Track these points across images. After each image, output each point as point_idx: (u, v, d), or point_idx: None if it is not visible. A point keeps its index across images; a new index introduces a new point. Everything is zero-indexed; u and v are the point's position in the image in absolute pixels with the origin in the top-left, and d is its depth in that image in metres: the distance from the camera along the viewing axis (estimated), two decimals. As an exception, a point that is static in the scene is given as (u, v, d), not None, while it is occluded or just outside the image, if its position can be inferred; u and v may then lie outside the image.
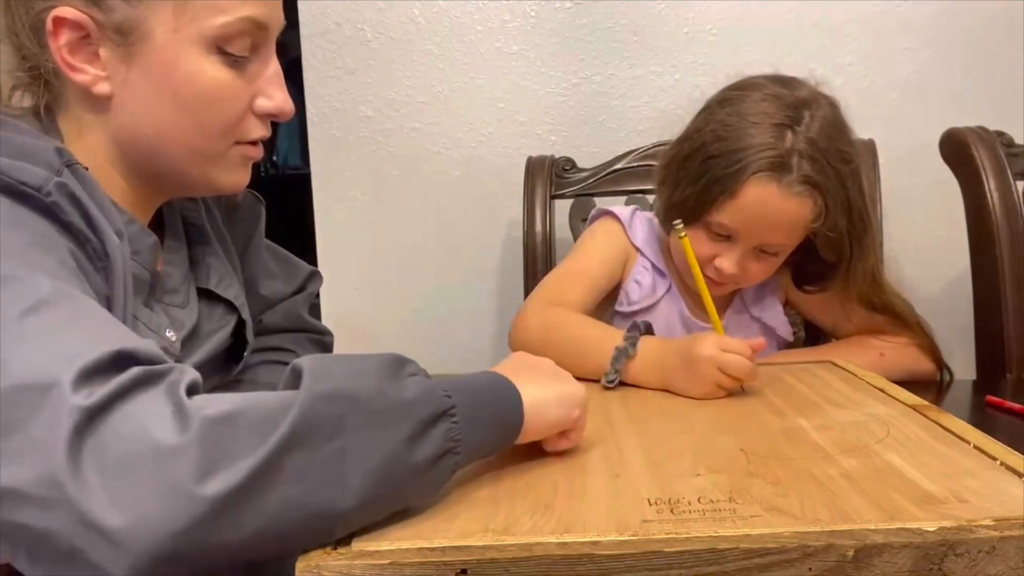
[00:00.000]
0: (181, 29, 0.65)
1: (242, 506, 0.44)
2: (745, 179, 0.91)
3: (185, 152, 0.69)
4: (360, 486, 0.47)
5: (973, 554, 0.46)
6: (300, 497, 0.45)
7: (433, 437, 0.51)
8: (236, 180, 0.73)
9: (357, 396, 0.48)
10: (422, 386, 0.52)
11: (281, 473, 0.45)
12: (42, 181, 0.58)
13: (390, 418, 0.49)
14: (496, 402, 0.57)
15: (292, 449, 0.45)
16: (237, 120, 0.69)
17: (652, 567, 0.46)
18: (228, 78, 0.67)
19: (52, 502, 0.43)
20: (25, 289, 0.51)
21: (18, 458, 0.44)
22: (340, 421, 0.47)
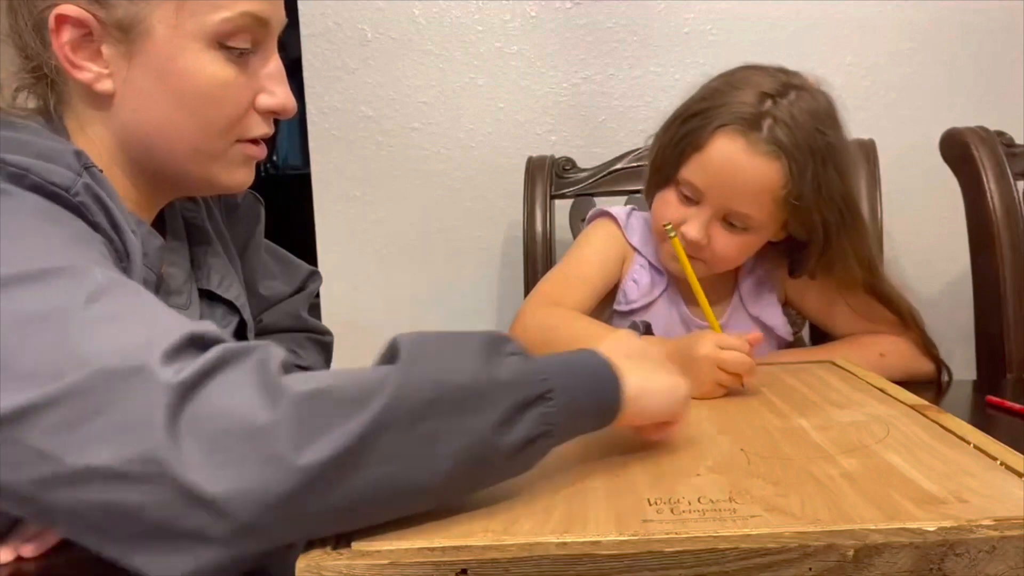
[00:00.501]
0: (182, 25, 0.65)
1: (334, 479, 0.45)
2: (712, 131, 0.91)
3: (187, 150, 0.69)
4: (449, 467, 0.49)
5: (973, 554, 0.46)
6: (390, 474, 0.47)
7: (526, 420, 0.51)
8: (239, 179, 0.73)
9: (450, 381, 0.49)
10: (519, 368, 0.52)
11: (372, 451, 0.46)
12: (70, 182, 0.59)
13: (483, 402, 0.50)
14: (596, 387, 0.56)
15: (382, 429, 0.46)
16: (239, 117, 0.69)
17: (652, 567, 0.45)
18: (230, 74, 0.67)
19: (148, 477, 0.44)
20: (83, 279, 0.52)
21: (106, 440, 0.45)
22: (431, 405, 0.48)
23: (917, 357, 1.02)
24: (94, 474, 0.45)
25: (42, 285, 0.51)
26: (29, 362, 0.47)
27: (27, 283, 0.50)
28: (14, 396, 0.46)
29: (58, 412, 0.45)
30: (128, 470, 0.44)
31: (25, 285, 0.50)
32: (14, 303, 0.49)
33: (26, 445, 0.45)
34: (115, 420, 0.45)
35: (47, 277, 0.51)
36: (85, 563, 0.56)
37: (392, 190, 1.45)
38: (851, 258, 0.97)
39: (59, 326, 0.48)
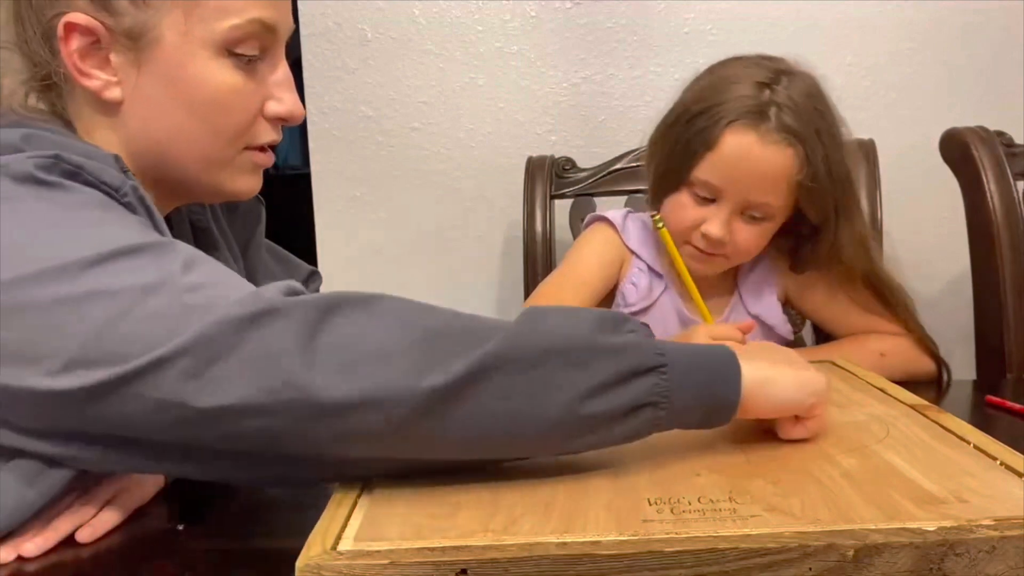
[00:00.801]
0: (191, 32, 0.65)
1: (449, 404, 0.49)
2: (723, 128, 0.92)
3: (196, 157, 0.69)
4: (558, 415, 0.51)
5: (973, 554, 0.46)
6: (503, 411, 0.51)
7: (635, 387, 0.53)
8: (247, 187, 0.73)
9: (564, 335, 0.52)
10: (636, 339, 0.55)
11: (486, 385, 0.50)
12: (120, 183, 0.60)
13: (594, 360, 0.52)
14: (714, 371, 0.57)
15: (497, 366, 0.50)
16: (248, 124, 0.69)
17: (652, 567, 0.45)
18: (238, 81, 0.67)
19: (285, 404, 0.48)
20: (173, 251, 0.55)
21: (238, 379, 0.48)
22: (545, 354, 0.51)
23: (918, 357, 1.02)
24: (226, 413, 0.48)
25: (139, 258, 0.53)
26: (143, 328, 0.49)
27: (124, 258, 0.53)
28: (132, 361, 0.48)
29: (182, 364, 0.48)
30: (263, 402, 0.48)
31: (123, 260, 0.53)
32: (117, 275, 0.52)
33: (155, 399, 0.49)
34: (243, 359, 0.48)
35: (141, 251, 0.54)
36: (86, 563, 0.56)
37: (392, 190, 1.45)
38: (855, 242, 0.98)
39: (166, 292, 0.51)
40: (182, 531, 0.61)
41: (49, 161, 0.57)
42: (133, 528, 0.61)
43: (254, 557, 0.58)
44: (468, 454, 0.54)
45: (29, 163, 0.56)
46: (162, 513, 0.64)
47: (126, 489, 0.62)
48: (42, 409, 0.52)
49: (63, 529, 0.58)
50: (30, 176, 0.56)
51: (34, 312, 0.50)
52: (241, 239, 0.88)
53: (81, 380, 0.49)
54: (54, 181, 0.56)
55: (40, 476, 0.56)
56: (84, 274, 0.51)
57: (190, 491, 0.67)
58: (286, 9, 0.70)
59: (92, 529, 0.58)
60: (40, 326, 0.50)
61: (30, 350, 0.50)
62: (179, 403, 0.48)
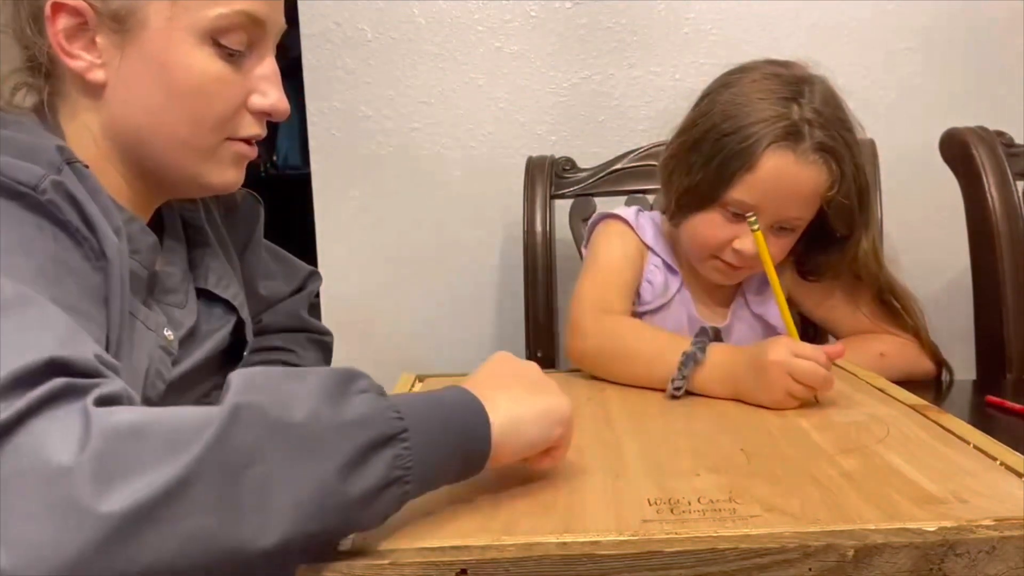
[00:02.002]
0: (177, 18, 0.65)
1: (144, 530, 0.39)
2: (762, 150, 0.91)
3: (176, 144, 0.69)
4: (284, 521, 0.42)
5: (973, 554, 0.46)
6: (213, 529, 0.41)
7: (375, 465, 0.45)
8: (228, 179, 0.72)
9: (283, 419, 0.43)
10: (368, 406, 0.47)
11: (187, 500, 0.40)
12: (38, 179, 0.58)
13: (323, 444, 0.44)
14: (459, 425, 0.51)
15: (201, 474, 0.40)
16: (229, 114, 0.69)
17: (652, 567, 0.46)
18: (221, 71, 0.67)
19: None
20: None
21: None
22: (262, 447, 0.42)
23: (918, 357, 1.02)
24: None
25: None
26: None
27: None
28: None
29: None
30: None
31: None
32: None
33: None
34: None
35: None
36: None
37: (392, 190, 1.45)
38: (871, 250, 0.99)
39: None
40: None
41: None
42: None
43: (254, 557, 0.57)
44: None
45: None
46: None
47: None
48: None
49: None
50: None
51: None
52: (239, 239, 0.87)
53: None
54: None
55: None
56: None
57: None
58: (276, 6, 0.70)
59: None
60: None
61: None
62: None
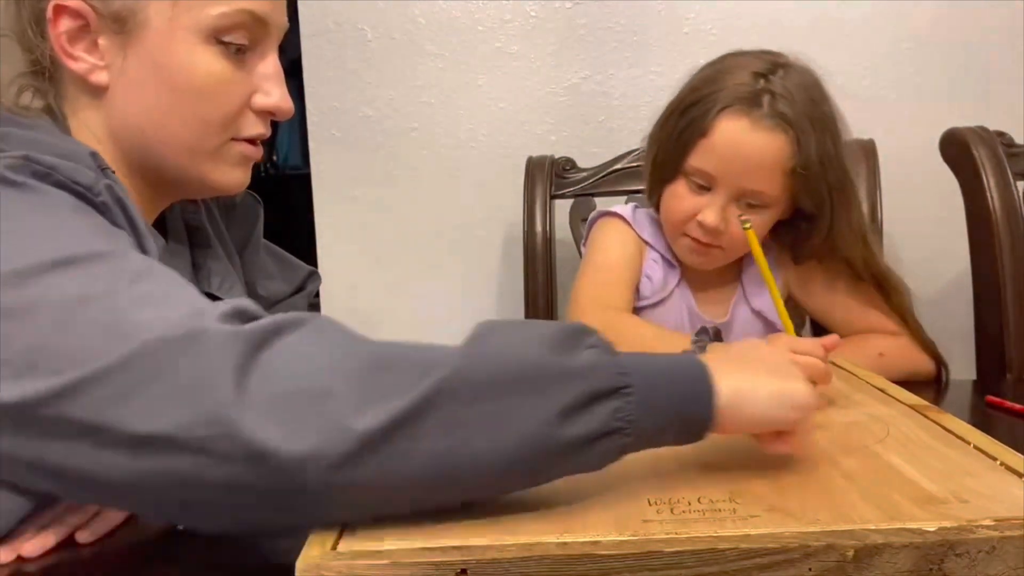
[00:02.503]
0: (178, 18, 0.65)
1: (390, 446, 0.45)
2: (715, 115, 0.93)
3: (180, 145, 0.69)
4: (511, 449, 0.47)
5: (973, 554, 0.46)
6: (449, 448, 0.46)
7: (597, 413, 0.49)
8: (234, 180, 0.72)
9: (516, 361, 0.48)
10: (597, 359, 0.50)
11: (430, 420, 0.46)
12: (92, 181, 0.59)
13: (550, 386, 0.48)
14: (683, 390, 0.53)
15: (442, 400, 0.46)
16: (233, 114, 0.69)
17: (652, 567, 0.45)
18: (225, 70, 0.67)
19: (211, 439, 0.44)
20: (124, 261, 0.53)
21: (165, 406, 0.45)
22: (495, 383, 0.47)
23: (917, 356, 1.02)
24: (152, 442, 0.45)
25: (86, 268, 0.51)
26: (79, 341, 0.48)
27: (71, 266, 0.51)
28: (66, 374, 0.46)
29: (112, 383, 0.46)
30: (189, 435, 0.45)
31: (69, 269, 0.51)
32: (60, 287, 0.50)
33: (81, 420, 0.46)
34: (171, 386, 0.45)
35: (90, 260, 0.52)
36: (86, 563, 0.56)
37: (392, 190, 1.45)
38: (852, 232, 0.99)
39: (107, 305, 0.49)
40: (182, 531, 0.60)
41: (19, 161, 0.56)
42: (133, 528, 0.61)
43: (254, 557, 0.58)
44: (409, 502, 0.49)
45: (0, 162, 0.56)
46: (162, 513, 0.64)
47: None
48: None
49: (63, 529, 0.58)
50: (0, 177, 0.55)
51: None
52: (238, 239, 0.87)
53: (20, 392, 0.47)
54: (22, 182, 0.56)
55: None
56: (29, 282, 0.50)
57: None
58: (279, 5, 0.70)
59: (92, 529, 0.58)
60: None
61: None
62: (104, 426, 0.45)
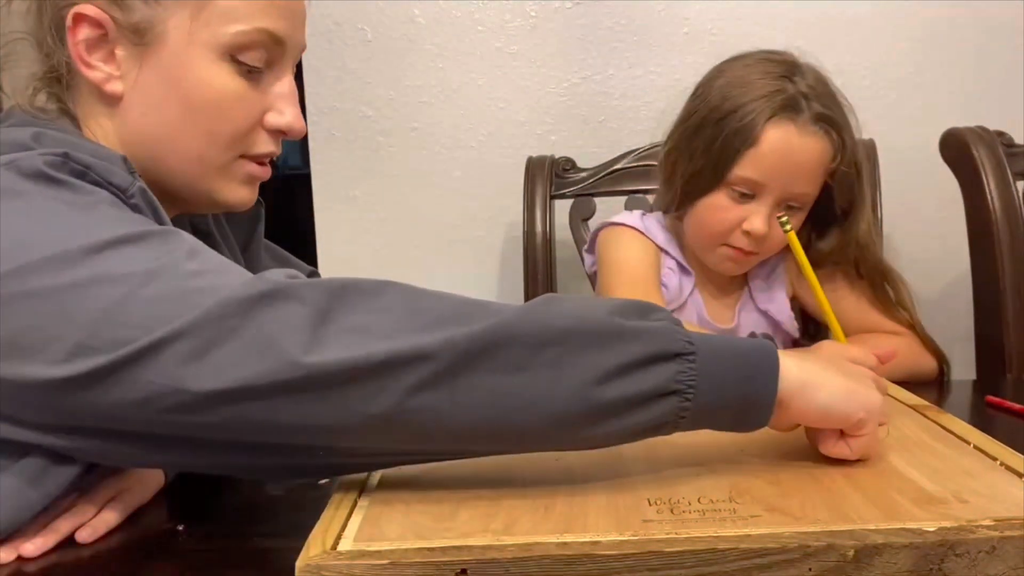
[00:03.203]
0: (196, 33, 0.65)
1: (456, 374, 0.48)
2: (764, 124, 0.93)
3: (190, 159, 0.69)
4: (568, 398, 0.49)
5: (973, 554, 0.46)
6: (513, 387, 0.48)
7: (658, 372, 0.50)
8: (241, 197, 0.72)
9: (583, 315, 0.50)
10: (664, 326, 0.51)
11: (496, 357, 0.48)
12: (127, 184, 0.60)
13: (614, 342, 0.49)
14: (746, 364, 0.53)
15: (508, 340, 0.48)
16: (245, 131, 0.69)
17: (652, 567, 0.45)
18: (239, 87, 0.67)
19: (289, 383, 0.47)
20: (178, 239, 0.55)
21: (241, 360, 0.47)
22: (560, 332, 0.49)
23: (921, 355, 1.02)
24: (228, 395, 0.48)
25: (143, 245, 0.53)
26: (147, 310, 0.49)
27: (127, 245, 0.53)
28: (138, 341, 0.48)
29: (189, 341, 0.48)
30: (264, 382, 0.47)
31: (127, 246, 0.53)
32: (121, 261, 0.51)
33: (161, 381, 0.48)
34: (248, 341, 0.48)
35: (144, 238, 0.54)
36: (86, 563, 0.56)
37: (392, 190, 1.45)
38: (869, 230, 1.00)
39: (170, 277, 0.51)
40: (182, 531, 0.61)
41: (58, 159, 0.57)
42: (133, 528, 0.61)
43: (254, 557, 0.58)
44: (473, 439, 0.51)
45: (39, 160, 0.56)
46: (162, 513, 0.64)
47: (127, 489, 0.62)
48: (48, 401, 0.51)
49: (63, 529, 0.58)
50: (40, 172, 0.56)
51: (36, 301, 0.50)
52: (240, 239, 0.88)
53: (84, 366, 0.49)
54: (63, 179, 0.56)
55: (44, 477, 0.56)
56: (86, 261, 0.51)
57: (190, 491, 0.67)
58: (298, 25, 0.70)
59: (92, 529, 0.58)
60: (42, 314, 0.50)
61: (33, 340, 0.50)
62: (178, 388, 0.48)
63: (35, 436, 0.54)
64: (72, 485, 0.57)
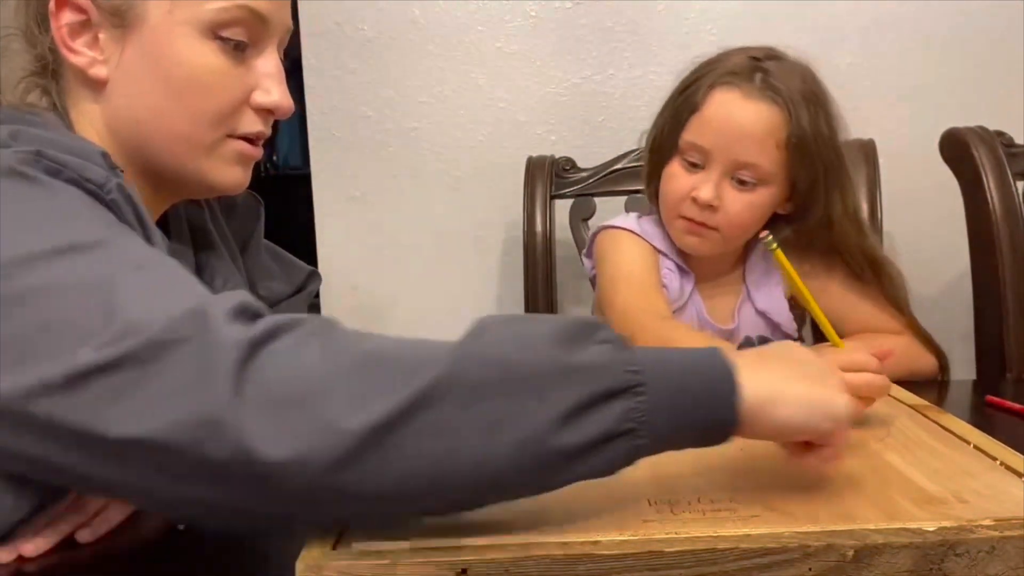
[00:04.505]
0: (176, 12, 0.65)
1: (384, 446, 0.44)
2: (707, 89, 0.94)
3: (177, 140, 0.68)
4: (509, 455, 0.45)
5: (973, 554, 0.46)
6: (440, 454, 0.44)
7: (605, 414, 0.46)
8: (233, 179, 0.72)
9: (517, 360, 0.46)
10: (605, 356, 0.47)
11: (423, 421, 0.44)
12: (104, 179, 0.59)
13: (553, 386, 0.45)
14: (701, 389, 0.49)
15: (436, 400, 0.44)
16: (230, 109, 0.69)
17: (652, 567, 0.45)
18: (222, 65, 0.67)
19: (202, 441, 0.43)
20: (128, 250, 0.53)
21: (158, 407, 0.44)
22: (493, 384, 0.45)
23: (920, 354, 1.02)
24: (140, 445, 0.44)
25: (89, 255, 0.51)
26: (79, 328, 0.47)
27: (73, 253, 0.51)
28: (63, 361, 0.46)
29: (109, 380, 0.45)
30: (180, 436, 0.43)
31: (72, 255, 0.51)
32: (61, 272, 0.50)
33: (69, 420, 0.45)
34: (168, 386, 0.44)
35: (92, 248, 0.52)
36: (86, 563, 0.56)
37: (392, 190, 1.45)
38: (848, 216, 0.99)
39: (108, 292, 0.48)
40: (182, 531, 0.61)
41: (31, 157, 0.57)
42: (133, 528, 0.61)
43: (254, 557, 0.58)
44: (403, 508, 0.47)
45: (12, 157, 0.56)
46: (162, 513, 0.64)
47: None
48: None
49: (63, 529, 0.58)
50: (11, 170, 0.55)
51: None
52: (239, 239, 0.87)
53: (13, 381, 0.46)
54: (34, 176, 0.56)
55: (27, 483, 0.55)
56: (28, 270, 0.49)
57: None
58: (282, 4, 0.70)
59: (92, 529, 0.58)
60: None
61: None
62: (92, 429, 0.45)
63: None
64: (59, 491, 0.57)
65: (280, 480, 0.43)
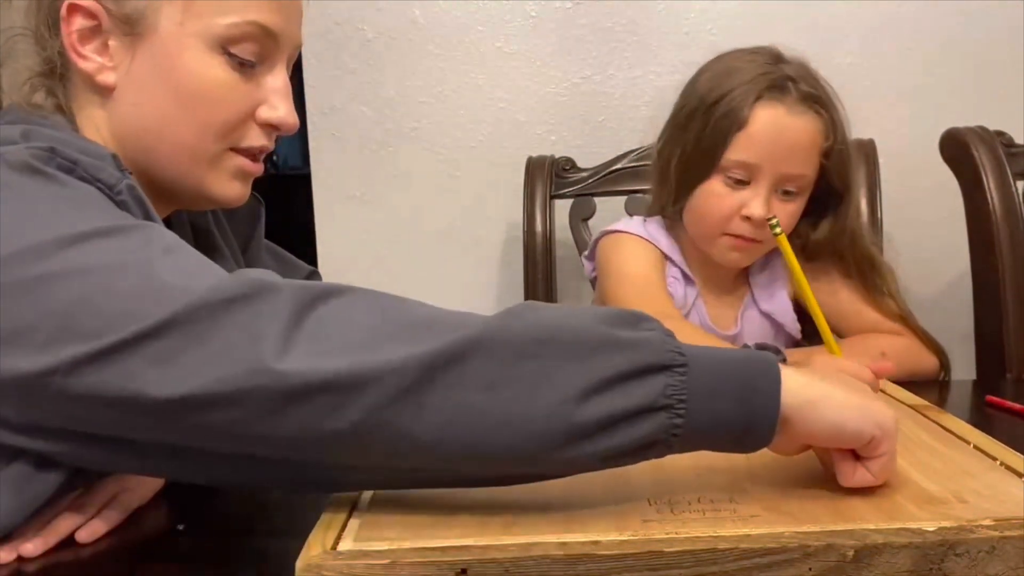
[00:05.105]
0: (188, 24, 0.65)
1: (435, 384, 0.45)
2: (752, 105, 0.94)
3: (181, 150, 0.68)
4: (545, 415, 0.46)
5: (973, 554, 0.46)
6: (483, 405, 0.46)
7: (644, 386, 0.46)
8: (232, 193, 0.72)
9: (562, 326, 0.47)
10: (653, 336, 0.47)
11: (464, 371, 0.45)
12: (115, 180, 0.60)
13: (596, 353, 0.46)
14: (744, 377, 0.48)
15: (478, 352, 0.46)
16: (236, 123, 0.69)
17: (652, 567, 0.45)
18: (230, 79, 0.67)
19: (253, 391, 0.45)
20: (156, 234, 0.54)
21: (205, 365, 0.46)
22: (537, 343, 0.46)
23: (920, 353, 1.02)
24: (189, 402, 0.46)
25: (118, 239, 0.52)
26: (117, 305, 0.48)
27: (102, 238, 0.52)
28: (104, 338, 0.47)
29: (158, 342, 0.47)
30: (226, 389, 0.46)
31: (101, 239, 0.52)
32: (95, 254, 0.51)
33: (115, 386, 0.47)
34: (216, 344, 0.46)
35: (120, 232, 0.53)
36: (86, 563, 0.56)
37: (392, 190, 1.45)
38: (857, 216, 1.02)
39: (143, 271, 0.50)
40: (182, 531, 0.61)
41: (45, 153, 0.57)
42: (133, 528, 0.61)
43: (254, 557, 0.58)
44: (447, 460, 0.48)
45: (26, 153, 0.56)
46: (162, 513, 0.64)
47: (126, 489, 0.62)
48: (25, 396, 0.51)
49: (63, 529, 0.58)
50: (26, 165, 0.56)
51: (10, 292, 0.50)
52: (240, 239, 0.88)
53: (55, 358, 0.48)
54: (49, 172, 0.56)
55: (29, 483, 0.55)
56: (60, 253, 0.50)
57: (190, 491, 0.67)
58: (293, 19, 0.70)
59: (92, 529, 0.58)
60: (16, 306, 0.49)
61: (7, 331, 0.49)
62: (138, 393, 0.46)
63: (19, 439, 0.53)
64: (59, 491, 0.57)
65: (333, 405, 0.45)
